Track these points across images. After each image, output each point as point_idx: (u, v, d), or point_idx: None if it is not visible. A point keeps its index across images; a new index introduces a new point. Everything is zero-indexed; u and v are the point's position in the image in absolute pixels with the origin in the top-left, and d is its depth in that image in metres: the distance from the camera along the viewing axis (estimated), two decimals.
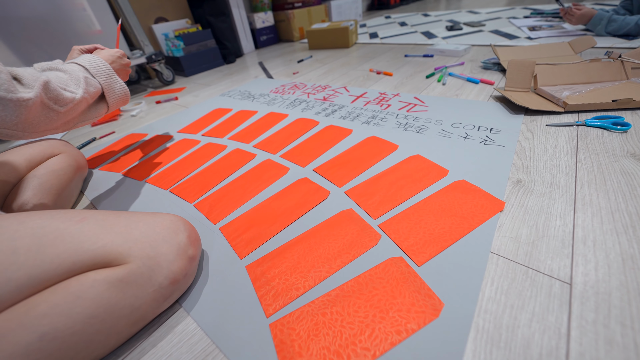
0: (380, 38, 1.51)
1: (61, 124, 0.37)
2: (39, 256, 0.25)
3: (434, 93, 0.76)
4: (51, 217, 0.28)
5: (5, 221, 0.26)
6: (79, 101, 0.37)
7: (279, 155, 0.57)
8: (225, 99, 0.95)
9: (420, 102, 0.71)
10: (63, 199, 0.49)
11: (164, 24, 1.32)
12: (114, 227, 0.29)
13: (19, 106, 0.30)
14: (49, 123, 0.35)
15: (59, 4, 0.89)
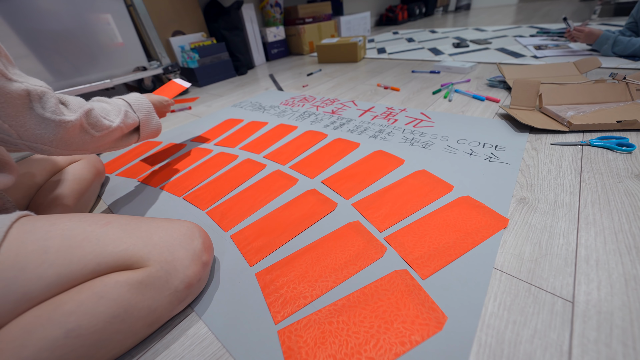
0: (388, 53, 1.55)
1: (93, 147, 0.40)
2: (67, 256, 0.27)
3: (440, 109, 0.77)
4: (79, 220, 0.30)
5: (39, 222, 0.28)
6: (114, 129, 0.42)
7: (289, 166, 0.59)
8: (237, 109, 0.98)
9: (426, 118, 0.73)
10: (83, 202, 0.52)
11: (180, 37, 1.38)
12: (135, 232, 0.30)
13: (59, 126, 0.33)
14: (83, 145, 0.38)
15: (86, 19, 0.95)
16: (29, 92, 0.30)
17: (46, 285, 0.26)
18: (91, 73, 1.01)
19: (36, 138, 0.32)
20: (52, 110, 0.32)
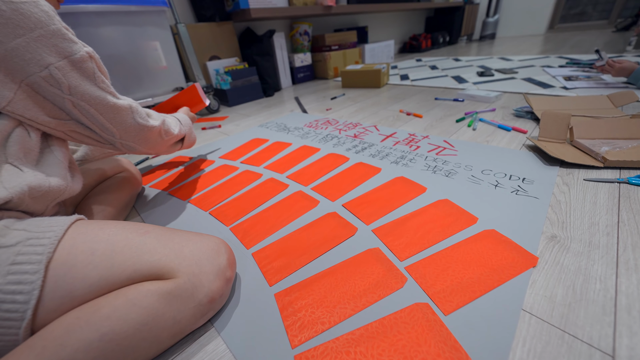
0: (411, 80, 1.58)
1: (160, 148, 0.50)
2: (110, 260, 0.29)
3: (464, 138, 0.77)
4: (123, 227, 0.33)
5: (90, 225, 0.31)
6: (174, 137, 0.52)
7: (310, 187, 0.61)
8: (263, 129, 1.03)
9: (449, 146, 0.72)
10: (122, 210, 0.56)
11: (216, 61, 1.50)
12: (169, 243, 0.32)
13: (147, 130, 0.44)
14: (156, 145, 0.48)
15: (137, 45, 1.06)
16: (131, 106, 0.41)
17: (89, 286, 0.28)
18: (137, 92, 1.12)
19: (130, 137, 0.43)
20: (143, 118, 0.43)
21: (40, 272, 0.26)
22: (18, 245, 0.27)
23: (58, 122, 0.36)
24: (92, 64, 0.36)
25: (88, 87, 0.35)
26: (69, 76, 0.34)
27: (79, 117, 0.37)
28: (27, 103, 0.32)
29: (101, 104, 0.37)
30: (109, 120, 0.39)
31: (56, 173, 0.36)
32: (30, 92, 0.32)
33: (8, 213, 0.30)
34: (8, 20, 0.29)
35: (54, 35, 0.32)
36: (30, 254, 0.27)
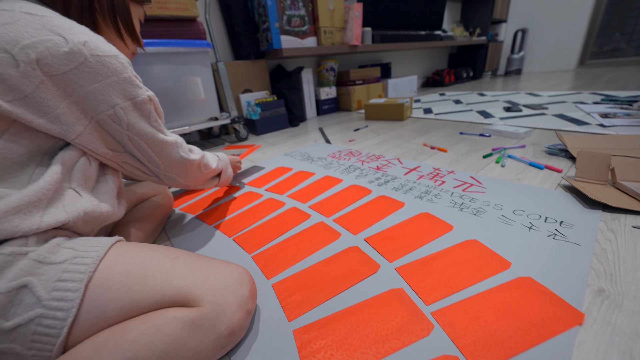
0: (435, 114, 1.59)
1: (199, 181, 0.55)
2: (141, 283, 0.30)
3: (492, 174, 0.75)
4: (156, 251, 0.35)
5: (127, 247, 0.34)
6: (212, 171, 0.57)
7: (332, 219, 0.61)
8: (287, 158, 1.07)
9: (477, 183, 0.70)
10: (154, 231, 0.59)
11: (248, 94, 1.63)
12: (197, 270, 0.34)
13: (188, 163, 0.48)
14: (195, 178, 0.52)
15: (182, 80, 1.19)
16: (176, 141, 0.46)
17: (120, 308, 0.29)
18: (175, 121, 1.22)
19: (173, 169, 0.47)
20: (186, 152, 0.48)
21: (80, 291, 0.28)
22: (65, 263, 0.29)
23: (114, 153, 0.41)
24: (150, 105, 0.41)
25: (143, 125, 0.40)
26: (129, 115, 0.38)
27: (132, 150, 0.41)
28: (92, 136, 0.37)
29: (152, 139, 0.42)
30: (156, 153, 0.43)
31: (107, 200, 0.40)
32: (97, 127, 0.37)
33: (61, 232, 0.33)
34: (92, 69, 0.34)
35: (124, 81, 0.37)
36: (74, 272, 0.29)
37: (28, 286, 0.27)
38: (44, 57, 0.31)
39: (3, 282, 0.26)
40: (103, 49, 0.35)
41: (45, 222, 0.31)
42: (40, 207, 0.31)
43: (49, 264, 0.29)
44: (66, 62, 0.32)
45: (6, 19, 0.30)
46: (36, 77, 0.31)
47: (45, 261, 0.29)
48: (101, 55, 0.35)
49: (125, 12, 0.46)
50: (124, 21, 0.46)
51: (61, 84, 0.33)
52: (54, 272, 0.28)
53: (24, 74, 0.30)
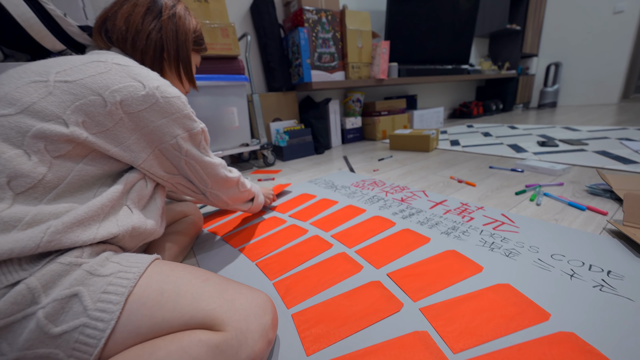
0: (462, 146, 1.57)
1: (236, 199, 0.62)
2: (173, 303, 0.32)
3: (526, 213, 0.71)
4: (188, 271, 0.37)
5: (164, 265, 0.36)
6: (246, 191, 0.64)
7: (354, 250, 0.60)
8: (311, 185, 1.10)
9: (509, 221, 0.67)
10: (184, 250, 0.63)
11: (278, 122, 1.73)
12: (224, 294, 0.35)
13: (230, 180, 0.56)
14: (233, 195, 0.60)
15: (219, 109, 1.30)
16: (221, 162, 0.54)
17: (152, 325, 0.31)
18: (211, 146, 1.32)
19: (218, 187, 0.54)
20: (228, 171, 0.56)
21: (121, 304, 0.30)
22: (111, 276, 0.32)
23: (170, 175, 0.47)
24: (202, 135, 0.49)
25: (196, 150, 0.48)
26: (186, 143, 0.46)
27: (187, 172, 0.49)
28: (154, 162, 0.44)
29: (203, 161, 0.49)
30: (206, 173, 0.51)
31: (153, 217, 0.44)
32: (158, 154, 0.44)
33: (110, 246, 0.37)
34: (161, 108, 0.42)
35: (184, 117, 0.45)
36: (117, 286, 0.32)
37: (78, 295, 0.30)
38: (126, 99, 0.39)
39: (59, 290, 0.29)
40: (170, 92, 0.43)
41: (100, 234, 0.34)
42: (98, 221, 0.35)
43: (98, 275, 0.32)
44: (142, 103, 0.40)
45: (102, 69, 0.38)
46: (117, 115, 0.38)
47: (95, 273, 0.32)
48: (168, 96, 0.43)
49: (187, 61, 0.55)
50: (185, 68, 0.55)
51: (136, 119, 0.40)
52: (101, 284, 0.31)
53: (109, 112, 0.37)
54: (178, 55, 0.53)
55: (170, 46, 0.51)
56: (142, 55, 0.49)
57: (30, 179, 0.32)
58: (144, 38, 0.48)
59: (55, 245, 0.31)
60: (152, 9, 0.49)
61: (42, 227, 0.30)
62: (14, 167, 0.31)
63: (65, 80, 0.36)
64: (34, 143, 0.33)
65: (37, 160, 0.33)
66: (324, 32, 1.70)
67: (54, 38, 0.84)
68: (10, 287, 0.28)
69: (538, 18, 3.20)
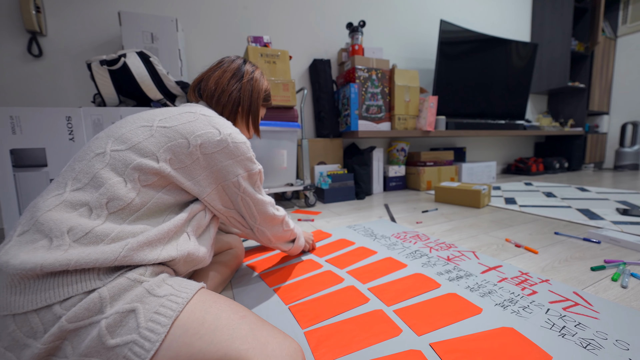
0: (519, 205, 1.43)
1: (279, 237, 0.65)
2: (211, 335, 0.33)
3: (608, 295, 0.59)
4: (228, 305, 0.38)
5: (208, 295, 0.38)
6: (289, 230, 0.68)
7: (393, 309, 0.56)
8: (350, 231, 1.09)
9: (585, 302, 0.56)
10: (225, 280, 0.66)
11: (322, 166, 1.81)
12: (258, 334, 0.35)
13: (276, 218, 0.61)
14: (277, 233, 0.64)
15: (272, 151, 1.43)
16: (271, 201, 0.58)
17: (189, 355, 0.32)
18: None
19: (265, 223, 0.59)
20: (275, 209, 0.61)
21: (168, 326, 0.33)
22: (164, 298, 0.35)
23: (226, 209, 0.53)
24: (258, 176, 0.55)
25: (251, 188, 0.53)
26: (245, 182, 0.52)
27: (241, 207, 0.54)
28: (215, 196, 0.50)
29: (256, 198, 0.55)
30: (257, 210, 0.56)
31: (206, 245, 0.49)
32: (220, 190, 0.50)
33: (167, 269, 0.41)
34: (230, 151, 0.49)
35: (247, 159, 0.52)
36: (167, 308, 0.34)
37: (135, 311, 0.33)
38: (204, 143, 0.47)
39: (121, 303, 0.33)
40: (239, 138, 0.51)
41: (162, 256, 0.39)
42: (162, 243, 0.40)
43: (154, 295, 0.35)
44: (216, 146, 0.48)
45: (191, 118, 0.49)
46: (195, 155, 0.46)
47: (152, 292, 0.35)
48: (237, 142, 0.50)
49: (256, 114, 0.65)
50: (253, 120, 0.65)
51: (209, 159, 0.47)
52: (155, 304, 0.34)
53: (190, 152, 0.46)
54: (250, 110, 0.64)
55: (245, 102, 0.62)
56: (222, 108, 0.60)
57: (122, 202, 0.39)
58: (227, 96, 0.60)
59: (128, 261, 0.35)
60: (237, 74, 0.62)
61: (122, 243, 0.36)
62: (114, 191, 0.38)
63: (164, 126, 0.46)
64: (132, 173, 0.41)
65: (131, 187, 0.40)
66: (373, 87, 1.83)
67: (156, 90, 1.07)
68: (87, 294, 0.32)
69: (606, 76, 3.01)
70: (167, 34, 1.30)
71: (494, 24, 2.73)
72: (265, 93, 0.67)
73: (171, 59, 1.32)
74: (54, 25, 1.35)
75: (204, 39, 1.65)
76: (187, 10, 1.60)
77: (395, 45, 2.26)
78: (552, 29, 2.77)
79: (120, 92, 1.09)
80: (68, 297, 0.31)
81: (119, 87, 1.06)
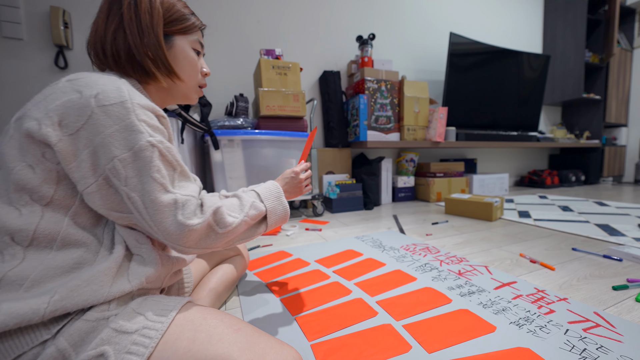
0: (534, 219, 1.38)
1: (221, 243, 0.40)
2: (204, 351, 0.32)
3: (631, 317, 0.56)
4: (221, 320, 0.36)
5: (197, 313, 0.36)
6: (238, 224, 0.40)
7: (402, 324, 0.54)
8: (358, 242, 1.07)
9: (606, 324, 0.53)
10: (231, 286, 0.65)
11: (331, 176, 1.81)
12: (255, 347, 0.34)
13: (187, 229, 0.35)
14: (209, 243, 0.39)
15: (280, 159, 1.45)
16: (176, 200, 0.35)
17: None
18: None
19: (173, 238, 0.35)
20: (187, 216, 0.35)
21: None
22: (135, 334, 0.32)
23: (120, 215, 0.36)
24: (152, 152, 0.34)
25: (139, 179, 0.34)
26: (128, 167, 0.33)
27: (134, 212, 0.35)
28: (96, 196, 0.34)
29: (148, 195, 0.34)
30: (150, 217, 0.34)
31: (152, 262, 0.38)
32: (103, 185, 0.34)
33: (139, 290, 0.37)
34: (97, 121, 0.32)
35: (126, 129, 0.33)
36: (140, 345, 0.31)
37: (104, 355, 0.30)
38: (63, 119, 0.32)
39: (87, 350, 0.30)
40: (112, 97, 0.33)
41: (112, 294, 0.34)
42: (109, 283, 0.34)
43: (124, 332, 0.32)
44: (77, 119, 0.32)
45: (47, 93, 0.34)
46: (61, 144, 0.32)
47: (121, 330, 0.32)
48: (108, 104, 0.33)
49: (156, 50, 0.41)
50: (161, 63, 0.42)
51: (76, 142, 0.32)
52: (125, 343, 0.31)
53: (49, 144, 0.32)
54: (147, 48, 0.40)
55: (134, 37, 0.39)
56: (116, 62, 0.40)
57: (26, 232, 0.31)
58: (110, 43, 0.39)
59: (62, 312, 0.30)
60: (113, 5, 0.40)
61: (46, 297, 0.30)
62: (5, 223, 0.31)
63: (20, 118, 0.34)
64: (19, 197, 0.32)
65: (27, 212, 0.32)
66: (382, 98, 1.84)
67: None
68: (41, 346, 0.30)
69: (623, 87, 2.94)
70: None
71: (504, 36, 2.72)
72: (168, 13, 0.42)
73: None
74: (80, 39, 1.43)
75: (219, 52, 1.71)
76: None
77: (405, 57, 2.28)
78: (565, 40, 2.75)
79: None
80: (16, 357, 0.29)
81: None
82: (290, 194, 0.56)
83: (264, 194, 0.47)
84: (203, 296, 0.57)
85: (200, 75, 0.49)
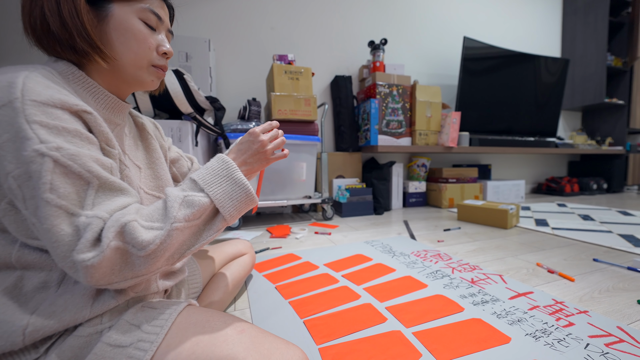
0: (552, 228, 1.33)
1: (156, 266, 0.31)
2: (208, 354, 0.32)
3: None
4: (224, 321, 0.36)
5: (200, 315, 0.36)
6: (165, 237, 0.30)
7: (412, 331, 0.53)
8: (368, 247, 1.06)
9: (630, 339, 0.50)
10: (238, 284, 0.66)
11: (341, 180, 1.81)
12: (259, 348, 0.34)
13: (82, 266, 0.27)
14: (136, 269, 0.30)
15: (291, 163, 1.46)
16: (77, 228, 0.28)
17: None
18: (278, 194, 1.45)
19: (79, 278, 0.28)
20: (79, 249, 0.27)
21: None
22: (130, 347, 0.31)
23: (40, 243, 0.31)
24: (41, 165, 0.26)
25: (33, 200, 0.27)
26: (24, 187, 0.27)
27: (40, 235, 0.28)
28: (6, 222, 0.30)
29: (41, 223, 0.27)
30: (51, 250, 0.28)
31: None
32: (9, 209, 0.29)
33: (133, 299, 0.36)
34: None
35: (15, 138, 0.26)
36: (134, 359, 0.30)
37: None
38: None
39: None
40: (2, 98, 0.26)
41: (94, 312, 0.32)
42: (89, 299, 0.32)
43: (118, 346, 0.31)
44: None
45: None
46: None
47: (114, 344, 0.31)
48: None
49: (78, 24, 0.33)
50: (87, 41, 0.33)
51: None
52: (120, 358, 0.30)
53: None
54: (59, 9, 0.32)
55: (49, 2, 0.32)
56: (38, 38, 0.34)
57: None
58: (29, 10, 0.32)
59: (44, 336, 0.30)
60: None
61: (18, 331, 0.28)
62: None
63: None
64: None
65: None
66: (393, 102, 1.84)
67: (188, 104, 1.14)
68: None
69: None
70: (200, 54, 1.40)
71: (521, 39, 2.67)
72: None
73: (202, 76, 1.41)
74: None
75: (233, 57, 1.76)
76: (219, 31, 1.72)
77: (417, 61, 2.27)
78: (585, 44, 2.66)
79: (155, 106, 1.17)
80: None
81: (154, 101, 1.14)
82: (253, 164, 0.43)
83: (203, 179, 0.36)
84: (214, 295, 0.58)
85: (156, 54, 0.39)
